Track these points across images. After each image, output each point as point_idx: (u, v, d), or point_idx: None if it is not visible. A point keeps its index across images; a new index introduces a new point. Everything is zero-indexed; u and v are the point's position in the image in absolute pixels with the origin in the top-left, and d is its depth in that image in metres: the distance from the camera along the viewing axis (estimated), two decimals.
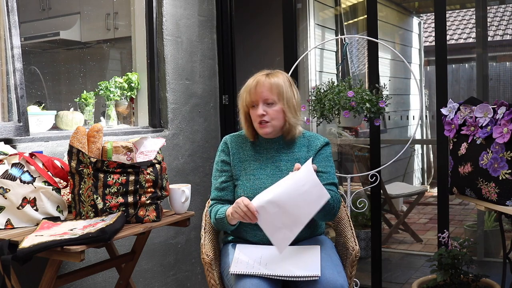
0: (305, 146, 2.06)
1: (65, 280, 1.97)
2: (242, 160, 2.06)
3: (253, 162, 2.04)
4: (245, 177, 2.02)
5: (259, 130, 2.00)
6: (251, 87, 1.98)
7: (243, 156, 2.06)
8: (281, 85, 1.97)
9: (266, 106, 1.97)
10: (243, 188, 2.00)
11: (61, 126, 2.55)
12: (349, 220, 2.17)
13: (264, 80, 1.98)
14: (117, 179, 1.87)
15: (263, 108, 1.96)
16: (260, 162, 2.04)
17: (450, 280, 2.48)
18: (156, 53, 2.93)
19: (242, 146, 2.09)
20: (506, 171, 2.00)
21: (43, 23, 3.59)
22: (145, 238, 2.20)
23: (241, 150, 2.08)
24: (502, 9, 8.24)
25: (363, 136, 5.19)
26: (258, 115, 1.96)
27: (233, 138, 2.12)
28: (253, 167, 2.03)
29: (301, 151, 2.05)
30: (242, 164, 2.05)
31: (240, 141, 2.10)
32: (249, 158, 2.05)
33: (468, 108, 2.20)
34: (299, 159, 2.02)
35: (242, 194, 1.98)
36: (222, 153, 2.09)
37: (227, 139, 2.12)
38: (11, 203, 1.81)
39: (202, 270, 3.22)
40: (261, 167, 2.03)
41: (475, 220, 3.99)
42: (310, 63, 4.59)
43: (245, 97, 2.00)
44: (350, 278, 1.99)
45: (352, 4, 5.55)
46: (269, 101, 1.96)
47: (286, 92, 1.97)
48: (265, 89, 1.96)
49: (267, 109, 1.96)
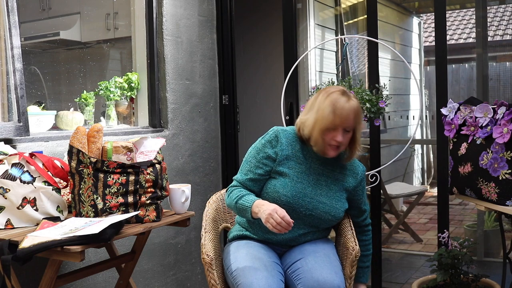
0: (346, 169, 2.06)
1: (65, 280, 1.97)
2: (289, 159, 1.99)
3: (300, 165, 1.99)
4: (289, 176, 1.96)
5: (327, 150, 1.94)
6: (340, 109, 1.88)
7: (291, 155, 1.99)
8: (359, 112, 1.92)
9: (344, 132, 1.91)
10: (283, 186, 1.94)
11: (61, 126, 2.55)
12: (349, 220, 2.17)
13: (350, 105, 1.89)
14: (117, 179, 1.87)
15: (343, 135, 1.90)
16: (306, 168, 2.00)
17: (450, 280, 2.48)
18: (156, 53, 2.93)
19: (292, 144, 2.01)
20: (506, 171, 2.00)
21: (43, 23, 3.59)
22: (145, 238, 2.20)
23: (291, 148, 2.00)
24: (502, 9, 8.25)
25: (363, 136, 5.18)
26: (336, 141, 1.90)
27: (285, 133, 2.01)
28: (298, 170, 1.98)
29: (342, 173, 2.04)
30: (288, 162, 1.98)
31: (291, 138, 2.01)
32: (296, 159, 1.99)
33: (468, 108, 2.20)
34: (339, 180, 2.03)
35: (280, 191, 1.93)
36: (269, 145, 1.99)
37: (279, 132, 2.01)
38: (11, 203, 1.81)
39: (202, 270, 3.22)
40: (306, 172, 1.99)
41: (475, 220, 3.99)
42: (310, 63, 4.59)
43: (327, 115, 1.88)
44: (350, 278, 1.99)
45: (352, 4, 5.55)
46: (348, 128, 1.91)
47: (361, 120, 1.95)
48: (352, 116, 1.89)
49: (344, 134, 1.91)
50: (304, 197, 1.96)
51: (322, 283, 1.80)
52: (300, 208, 1.95)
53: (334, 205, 1.99)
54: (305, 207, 1.95)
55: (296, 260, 1.95)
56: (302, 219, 1.98)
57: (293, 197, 1.94)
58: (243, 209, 1.90)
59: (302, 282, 1.84)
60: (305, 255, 1.95)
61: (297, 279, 1.87)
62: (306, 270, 1.88)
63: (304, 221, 1.99)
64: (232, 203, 1.96)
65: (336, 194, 2.01)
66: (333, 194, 2.00)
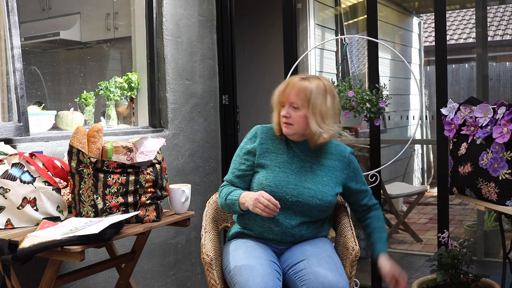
0: (331, 154, 2.07)
1: (65, 280, 1.97)
2: (270, 151, 2.06)
3: (281, 155, 2.05)
4: (270, 167, 2.02)
5: (283, 128, 2.02)
6: (281, 87, 2.02)
7: (272, 147, 2.06)
8: (309, 91, 1.96)
9: (292, 109, 1.98)
10: (265, 177, 2.00)
11: (61, 126, 2.55)
12: (349, 220, 2.17)
13: (295, 82, 1.99)
14: (117, 179, 1.87)
15: (287, 110, 1.98)
16: (288, 157, 2.05)
17: (450, 280, 2.48)
18: (156, 53, 2.93)
19: (272, 138, 2.08)
20: (506, 171, 2.00)
21: (43, 23, 3.59)
22: (145, 238, 2.20)
23: (270, 142, 2.07)
24: (502, 9, 8.25)
25: (363, 136, 5.19)
26: (281, 116, 1.99)
27: (264, 128, 2.12)
28: (280, 160, 2.04)
29: (328, 158, 2.06)
30: (269, 154, 2.05)
31: (271, 133, 2.09)
32: (277, 151, 2.05)
33: (468, 108, 2.20)
34: (325, 165, 2.05)
35: (264, 182, 1.99)
36: (249, 142, 2.10)
37: (258, 128, 2.13)
38: (11, 203, 1.81)
39: (202, 270, 3.22)
40: (288, 161, 2.03)
41: (475, 220, 3.99)
42: (310, 63, 4.59)
43: (275, 95, 2.04)
44: (350, 278, 1.99)
45: (352, 4, 5.55)
46: (294, 104, 1.97)
47: (314, 99, 1.96)
48: (293, 93, 1.97)
49: (292, 112, 1.97)
50: (288, 185, 1.98)
51: (327, 285, 1.80)
52: (286, 196, 1.96)
53: (321, 189, 2.00)
54: (290, 194, 1.97)
55: (299, 261, 1.95)
56: (291, 209, 1.99)
57: (276, 186, 1.96)
58: (232, 204, 1.97)
59: (307, 284, 1.84)
60: (307, 256, 1.95)
61: (301, 281, 1.87)
62: (310, 272, 1.87)
63: (294, 210, 1.99)
64: (223, 202, 2.03)
65: (323, 178, 2.02)
66: (319, 179, 2.02)
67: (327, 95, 1.99)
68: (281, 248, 2.06)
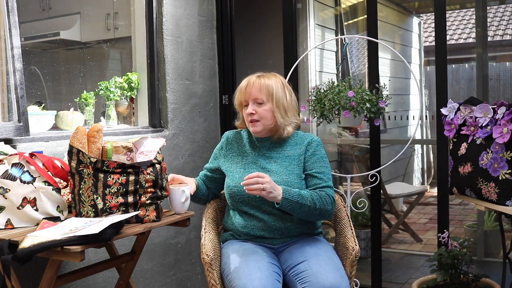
0: (296, 144, 2.13)
1: (65, 280, 1.97)
2: (236, 154, 2.17)
3: (246, 157, 2.14)
4: (236, 169, 2.11)
5: (250, 128, 2.10)
6: (242, 87, 2.10)
7: (238, 151, 2.17)
8: (271, 86, 2.06)
9: (256, 105, 2.07)
10: (232, 178, 2.10)
11: (61, 126, 2.55)
12: (349, 220, 2.17)
13: (254, 80, 2.08)
14: (117, 179, 1.87)
15: (252, 107, 2.06)
16: (253, 157, 2.12)
17: (450, 280, 2.48)
18: (156, 53, 2.93)
19: (238, 141, 2.20)
20: (506, 171, 2.00)
21: (43, 23, 3.59)
22: (145, 238, 2.20)
23: (237, 145, 2.19)
24: (502, 9, 8.24)
25: (363, 136, 5.19)
26: (247, 114, 2.07)
27: (232, 133, 2.25)
28: (245, 162, 2.12)
29: (293, 148, 2.12)
30: (235, 157, 2.16)
31: (238, 137, 2.22)
32: (242, 153, 2.16)
33: (468, 108, 2.20)
34: (290, 156, 2.10)
35: (231, 184, 2.08)
36: (219, 146, 2.24)
37: (227, 134, 2.26)
38: (11, 203, 1.81)
39: (202, 270, 3.22)
40: (253, 161, 2.11)
41: (475, 220, 3.99)
42: (310, 63, 4.59)
43: (237, 96, 2.13)
44: (350, 278, 1.99)
45: (352, 4, 5.55)
46: (258, 100, 2.06)
47: (276, 93, 2.06)
48: (254, 89, 2.06)
49: (257, 108, 2.06)
50: None
51: (328, 286, 1.80)
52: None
53: (285, 178, 2.03)
54: None
55: (299, 263, 1.95)
56: (266, 203, 1.99)
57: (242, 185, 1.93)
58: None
59: (308, 286, 1.84)
60: (307, 257, 1.95)
61: (302, 283, 1.87)
62: (311, 273, 1.87)
63: (269, 205, 2.00)
64: None
65: (288, 168, 2.06)
66: (283, 169, 2.06)
67: (285, 89, 2.11)
68: (277, 247, 2.06)
